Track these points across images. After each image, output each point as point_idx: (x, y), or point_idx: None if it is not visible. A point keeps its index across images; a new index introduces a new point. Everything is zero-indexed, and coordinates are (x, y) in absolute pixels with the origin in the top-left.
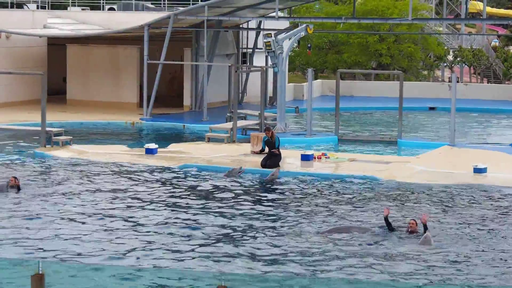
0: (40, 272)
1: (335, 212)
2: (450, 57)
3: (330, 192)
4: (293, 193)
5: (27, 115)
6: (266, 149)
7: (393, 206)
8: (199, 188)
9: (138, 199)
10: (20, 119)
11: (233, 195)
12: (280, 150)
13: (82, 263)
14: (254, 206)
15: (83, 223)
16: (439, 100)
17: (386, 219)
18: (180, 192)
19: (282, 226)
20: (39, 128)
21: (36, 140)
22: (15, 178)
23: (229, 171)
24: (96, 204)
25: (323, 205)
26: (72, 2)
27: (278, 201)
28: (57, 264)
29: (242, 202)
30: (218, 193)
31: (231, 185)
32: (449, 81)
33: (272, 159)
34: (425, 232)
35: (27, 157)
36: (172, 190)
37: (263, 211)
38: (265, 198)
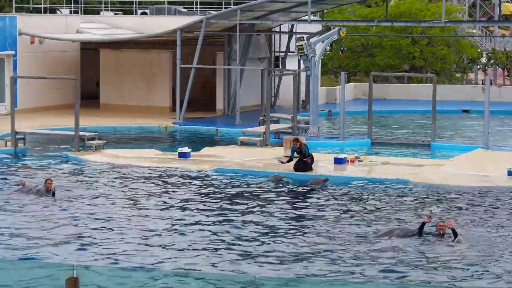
0: (75, 276)
1: (371, 215)
2: (483, 60)
3: (365, 196)
4: (327, 197)
5: (61, 119)
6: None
7: (427, 209)
8: (233, 191)
9: (171, 202)
10: (53, 123)
11: (269, 198)
12: (312, 154)
13: (117, 266)
14: (293, 210)
15: (119, 226)
16: (473, 103)
17: (423, 225)
18: (214, 195)
19: (318, 228)
20: (73, 133)
21: (70, 144)
22: (51, 180)
23: (272, 176)
24: (130, 208)
25: (358, 208)
26: (104, 7)
27: (314, 204)
28: (92, 268)
29: (280, 206)
30: (252, 196)
31: (266, 189)
32: (483, 84)
33: (304, 163)
34: (455, 236)
35: (60, 162)
36: (206, 193)
37: (302, 214)
38: (303, 201)
